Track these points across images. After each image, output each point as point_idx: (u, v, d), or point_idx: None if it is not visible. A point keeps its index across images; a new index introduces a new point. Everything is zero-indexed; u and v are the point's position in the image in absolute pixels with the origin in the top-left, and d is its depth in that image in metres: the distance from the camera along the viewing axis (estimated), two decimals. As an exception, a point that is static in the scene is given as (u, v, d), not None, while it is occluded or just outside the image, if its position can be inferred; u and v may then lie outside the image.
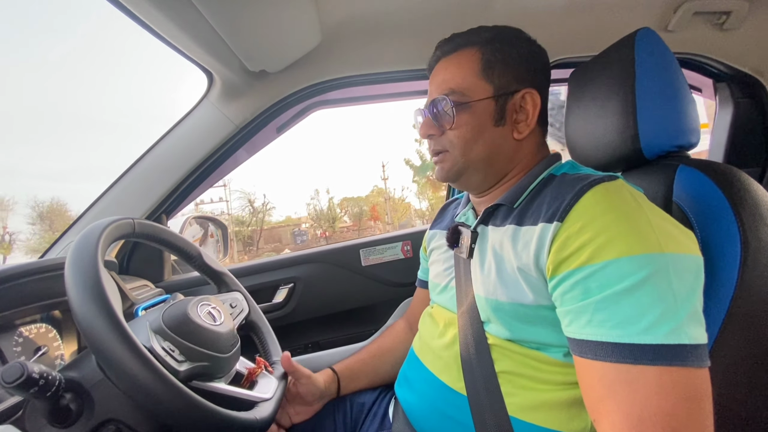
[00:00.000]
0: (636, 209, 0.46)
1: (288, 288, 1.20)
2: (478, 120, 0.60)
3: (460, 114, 0.60)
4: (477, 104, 0.60)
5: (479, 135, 0.60)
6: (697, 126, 0.65)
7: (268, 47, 0.90)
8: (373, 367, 0.82)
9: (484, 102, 0.60)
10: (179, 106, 35.27)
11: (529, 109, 0.61)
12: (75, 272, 0.47)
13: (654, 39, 0.64)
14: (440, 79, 0.63)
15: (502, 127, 0.61)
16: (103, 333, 0.43)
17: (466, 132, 0.60)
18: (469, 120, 0.60)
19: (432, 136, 0.64)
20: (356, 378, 0.80)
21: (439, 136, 0.63)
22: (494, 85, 0.60)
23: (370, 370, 0.82)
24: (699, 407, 0.38)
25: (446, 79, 0.62)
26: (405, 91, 1.26)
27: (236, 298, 0.77)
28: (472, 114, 0.60)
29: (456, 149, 0.62)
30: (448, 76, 0.62)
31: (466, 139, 0.60)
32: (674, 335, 0.39)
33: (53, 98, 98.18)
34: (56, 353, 0.73)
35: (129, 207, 1.03)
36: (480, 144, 0.61)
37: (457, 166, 0.62)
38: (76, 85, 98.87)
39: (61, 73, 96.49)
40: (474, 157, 0.61)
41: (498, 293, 0.55)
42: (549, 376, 0.52)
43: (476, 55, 0.61)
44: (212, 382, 0.57)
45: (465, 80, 0.61)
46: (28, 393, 0.43)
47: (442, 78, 0.63)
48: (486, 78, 0.60)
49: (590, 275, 0.44)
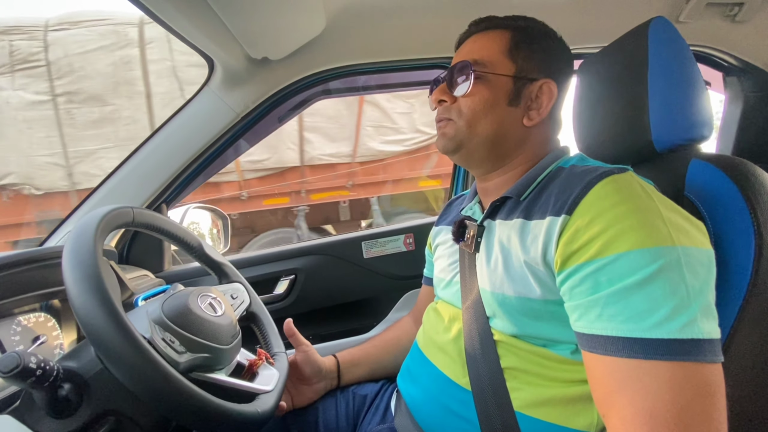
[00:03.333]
0: (647, 201, 0.44)
1: (289, 279, 1.20)
2: (493, 94, 0.59)
3: (477, 84, 0.59)
4: (496, 78, 0.59)
5: (490, 109, 0.59)
6: (710, 119, 0.63)
7: (271, 33, 0.88)
8: (375, 358, 0.83)
9: (503, 78, 0.59)
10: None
11: (544, 99, 0.60)
12: (72, 261, 0.46)
13: (668, 28, 0.62)
14: (466, 50, 0.63)
15: (515, 109, 0.60)
16: (100, 323, 0.42)
17: (478, 103, 0.59)
18: (484, 91, 0.59)
19: (443, 102, 0.63)
20: (357, 365, 0.80)
21: (450, 103, 0.62)
22: (517, 66, 0.59)
23: (372, 360, 0.82)
24: (712, 402, 0.37)
25: (472, 50, 0.62)
26: (409, 81, 1.24)
27: (237, 290, 0.76)
28: (488, 86, 0.59)
29: (462, 119, 0.60)
30: (475, 48, 0.62)
31: (475, 110, 0.59)
32: (687, 330, 0.38)
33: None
34: (55, 343, 0.72)
35: (129, 196, 1.02)
36: (489, 119, 0.59)
37: (459, 135, 0.61)
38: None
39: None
40: (480, 131, 0.60)
41: (504, 287, 0.54)
42: (555, 373, 0.51)
43: (506, 35, 0.61)
44: (213, 374, 0.56)
45: (490, 54, 0.60)
46: (25, 383, 0.42)
47: (469, 49, 0.63)
48: (511, 57, 0.60)
49: (600, 269, 0.43)
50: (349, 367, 0.79)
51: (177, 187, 1.07)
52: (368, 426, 0.71)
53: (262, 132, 1.19)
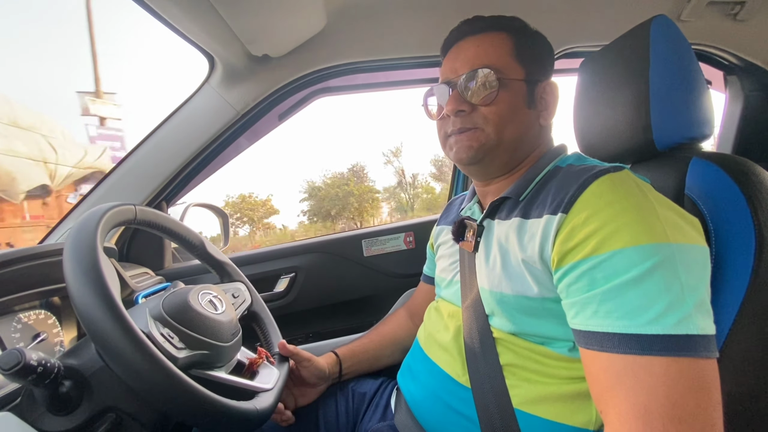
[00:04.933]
0: (642, 199, 0.45)
1: (289, 278, 1.20)
2: (515, 99, 0.59)
3: (501, 90, 0.58)
4: (513, 83, 0.59)
5: (514, 114, 0.59)
6: (711, 117, 0.63)
7: (272, 30, 0.88)
8: (374, 353, 0.83)
9: (519, 83, 0.59)
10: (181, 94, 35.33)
11: (550, 99, 0.61)
12: (73, 257, 0.46)
13: (670, 26, 0.62)
14: (472, 54, 0.60)
15: (533, 111, 0.61)
16: (101, 319, 0.42)
17: (504, 109, 0.58)
18: (507, 98, 0.58)
19: (461, 113, 0.60)
20: (358, 361, 0.81)
21: (469, 112, 0.59)
22: (525, 68, 0.60)
23: (371, 355, 0.83)
24: (707, 398, 0.38)
25: (479, 54, 0.60)
26: (409, 79, 1.24)
27: (238, 289, 0.76)
28: (509, 92, 0.58)
29: (490, 126, 0.58)
30: (481, 52, 0.60)
31: (502, 116, 0.58)
32: (682, 325, 0.38)
33: (48, 81, 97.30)
34: (56, 340, 0.72)
35: (129, 193, 1.02)
36: (515, 124, 0.59)
37: (489, 143, 0.59)
38: (73, 68, 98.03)
39: (63, 54, 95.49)
40: (507, 136, 0.59)
41: (503, 286, 0.54)
42: (554, 371, 0.52)
43: (509, 39, 0.60)
44: (212, 371, 0.56)
45: (501, 58, 0.59)
46: (26, 380, 0.42)
47: (475, 53, 0.60)
48: (519, 61, 0.59)
49: (596, 266, 0.43)
50: (349, 361, 0.80)
51: (177, 184, 1.07)
52: (368, 423, 0.71)
53: (263, 130, 1.19)
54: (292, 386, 0.75)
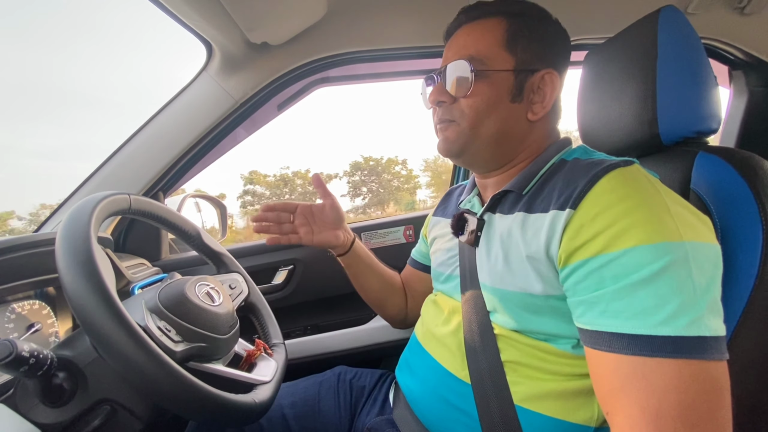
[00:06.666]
0: (654, 195, 0.43)
1: (288, 270, 1.19)
2: (496, 92, 0.56)
3: (478, 82, 0.56)
4: (496, 75, 0.56)
5: (493, 108, 0.56)
6: (719, 111, 0.62)
7: (272, 18, 0.86)
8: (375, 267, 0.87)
9: (504, 74, 0.56)
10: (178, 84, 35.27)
11: (547, 90, 0.58)
12: (66, 246, 0.45)
13: (679, 18, 0.60)
14: (460, 43, 0.59)
15: (518, 105, 0.57)
16: (94, 310, 0.41)
17: (480, 102, 0.56)
18: (486, 90, 0.56)
19: (442, 104, 0.59)
20: (364, 257, 0.85)
21: (449, 104, 0.59)
22: (516, 58, 0.56)
23: (374, 270, 0.87)
24: (719, 400, 0.37)
25: (467, 44, 0.58)
26: (410, 70, 1.22)
27: (236, 280, 0.76)
28: (490, 84, 0.56)
29: (465, 120, 0.57)
30: (469, 42, 0.58)
31: (478, 110, 0.56)
32: (694, 327, 0.37)
33: (47, 75, 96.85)
34: (50, 330, 0.71)
35: (125, 183, 1.00)
36: (492, 118, 0.57)
37: (462, 137, 0.58)
38: (71, 61, 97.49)
39: (55, 49, 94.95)
40: (484, 131, 0.57)
41: (505, 282, 0.53)
42: (556, 368, 0.51)
43: (502, 25, 0.57)
44: (209, 364, 0.55)
45: (487, 48, 0.56)
46: (18, 372, 0.41)
47: (463, 43, 0.59)
48: (509, 50, 0.56)
49: (606, 264, 0.42)
50: (359, 249, 0.84)
51: (174, 175, 1.06)
52: (366, 417, 0.71)
53: (261, 120, 1.17)
54: (313, 223, 0.78)
